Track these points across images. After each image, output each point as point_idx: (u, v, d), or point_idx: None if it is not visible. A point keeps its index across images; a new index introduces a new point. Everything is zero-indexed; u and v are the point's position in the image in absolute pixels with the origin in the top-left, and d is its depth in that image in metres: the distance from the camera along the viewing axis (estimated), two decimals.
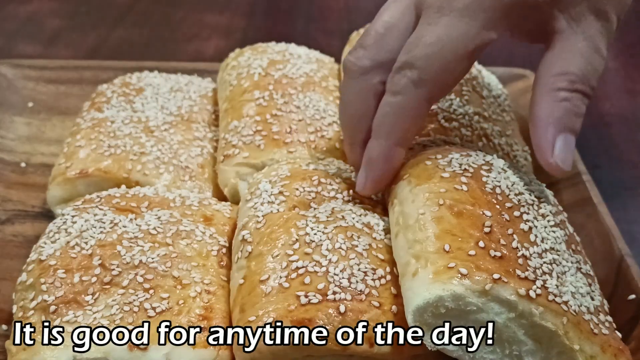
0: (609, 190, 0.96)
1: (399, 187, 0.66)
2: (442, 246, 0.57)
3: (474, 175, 0.64)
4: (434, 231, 0.59)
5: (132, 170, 0.84)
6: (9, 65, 1.09)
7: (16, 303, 0.68)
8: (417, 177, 0.65)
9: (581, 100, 0.63)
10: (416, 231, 0.60)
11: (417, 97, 0.63)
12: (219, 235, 0.74)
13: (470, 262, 0.56)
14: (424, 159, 0.67)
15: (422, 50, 0.61)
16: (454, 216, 0.59)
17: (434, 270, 0.56)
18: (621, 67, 1.34)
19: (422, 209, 0.61)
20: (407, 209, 0.63)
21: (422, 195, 0.62)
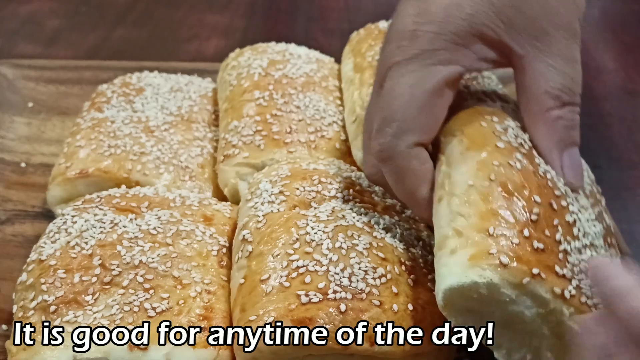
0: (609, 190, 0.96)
1: (448, 144, 0.62)
2: (487, 228, 0.54)
3: (528, 154, 0.60)
4: (481, 209, 0.56)
5: (132, 170, 0.84)
6: (9, 65, 1.09)
7: (16, 303, 0.68)
8: (471, 140, 0.60)
9: (573, 112, 0.62)
10: (462, 204, 0.57)
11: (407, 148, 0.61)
12: (219, 235, 0.74)
13: (512, 251, 0.54)
14: (478, 118, 0.62)
15: (395, 102, 0.60)
16: (504, 197, 0.56)
17: (475, 254, 0.54)
18: (621, 67, 1.34)
19: (472, 179, 0.57)
20: (456, 175, 0.59)
21: (473, 163, 0.58)
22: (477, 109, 0.64)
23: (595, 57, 1.37)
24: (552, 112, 0.61)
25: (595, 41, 1.43)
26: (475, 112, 0.64)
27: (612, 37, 1.47)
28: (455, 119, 0.63)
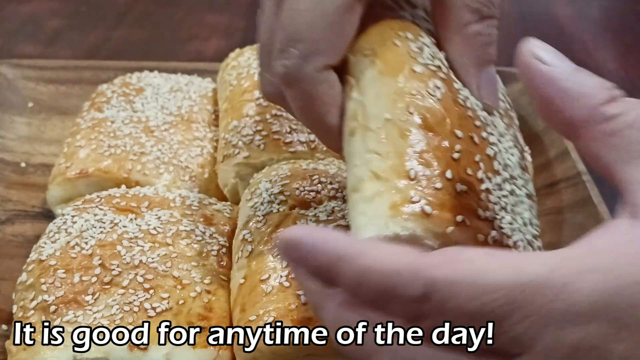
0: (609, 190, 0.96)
1: (358, 65, 0.54)
2: (408, 170, 0.48)
3: (446, 78, 0.54)
4: (401, 148, 0.49)
5: (132, 170, 0.84)
6: (9, 65, 1.09)
7: (16, 303, 0.68)
8: (384, 62, 0.53)
9: (491, 26, 0.58)
10: (379, 141, 0.50)
11: (315, 72, 0.53)
12: (219, 235, 0.74)
13: (435, 197, 0.48)
14: (391, 35, 0.54)
15: (300, 18, 0.53)
16: (424, 132, 0.50)
17: (395, 202, 0.48)
18: (621, 67, 1.34)
19: (389, 112, 0.50)
20: (370, 105, 0.52)
21: (390, 92, 0.51)
22: (389, 22, 0.56)
23: (595, 57, 1.37)
24: (471, 27, 0.56)
25: (595, 41, 1.43)
26: (387, 26, 0.55)
27: (612, 37, 1.47)
28: (365, 34, 0.55)
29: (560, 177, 0.93)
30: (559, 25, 1.49)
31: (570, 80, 0.45)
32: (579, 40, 1.43)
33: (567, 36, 1.45)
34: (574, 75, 0.46)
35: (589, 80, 0.46)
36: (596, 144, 0.45)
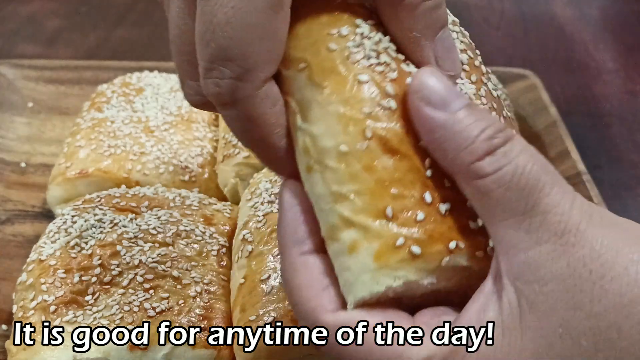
0: (609, 190, 0.96)
1: (295, 81, 0.46)
2: (383, 209, 0.43)
3: (399, 75, 0.45)
4: (367, 184, 0.43)
5: (132, 170, 0.84)
6: (9, 65, 1.09)
7: (16, 303, 0.68)
8: (322, 77, 0.45)
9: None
10: (342, 180, 0.43)
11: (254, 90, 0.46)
12: (219, 235, 0.74)
13: (420, 232, 0.43)
14: (322, 36, 0.46)
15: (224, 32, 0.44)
16: (388, 156, 0.44)
17: (379, 251, 0.43)
18: (621, 67, 1.34)
19: (343, 143, 0.43)
20: (320, 136, 0.44)
21: (337, 116, 0.44)
22: (318, 18, 0.47)
23: (595, 57, 1.37)
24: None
25: (595, 41, 1.43)
26: (316, 24, 0.46)
27: (612, 37, 1.47)
28: (293, 38, 0.46)
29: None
30: (559, 25, 1.49)
31: (451, 130, 0.42)
32: (579, 40, 1.43)
33: (567, 36, 1.45)
34: (456, 123, 0.42)
35: (470, 129, 0.42)
36: (472, 199, 0.43)
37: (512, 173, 0.41)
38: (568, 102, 1.20)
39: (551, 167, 0.42)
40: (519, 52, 1.37)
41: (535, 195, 0.40)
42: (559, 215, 0.40)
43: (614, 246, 0.40)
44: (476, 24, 1.46)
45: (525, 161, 0.41)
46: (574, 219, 0.40)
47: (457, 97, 0.43)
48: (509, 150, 0.41)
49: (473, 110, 0.43)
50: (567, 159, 0.94)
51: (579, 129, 1.08)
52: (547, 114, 1.03)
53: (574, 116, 1.14)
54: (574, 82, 1.28)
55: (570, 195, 0.41)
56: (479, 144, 0.41)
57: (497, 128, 0.42)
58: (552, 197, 0.41)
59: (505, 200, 0.41)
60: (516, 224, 0.41)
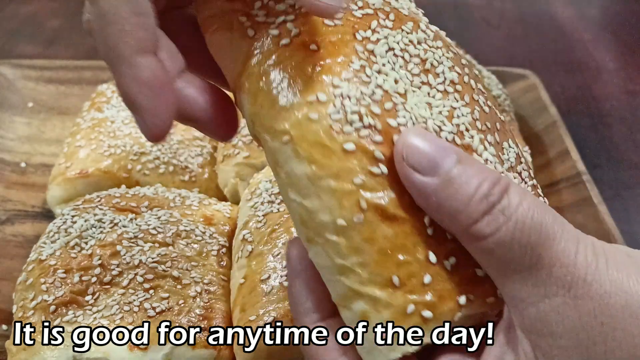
0: (609, 190, 0.96)
1: (280, 152, 0.45)
2: (389, 278, 0.43)
3: (385, 137, 0.43)
4: (371, 256, 0.43)
5: (132, 170, 0.84)
6: (9, 65, 1.09)
7: (16, 303, 0.68)
8: (306, 148, 0.43)
9: None
10: (344, 253, 0.43)
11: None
12: (219, 235, 0.74)
13: (429, 295, 0.43)
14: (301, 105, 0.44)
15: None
16: (387, 224, 0.43)
17: (391, 320, 0.43)
18: (621, 67, 1.34)
19: (340, 217, 0.43)
20: (316, 211, 0.44)
21: (327, 189, 0.43)
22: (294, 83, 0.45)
23: (595, 57, 1.37)
24: None
25: (595, 41, 1.43)
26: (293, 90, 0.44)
27: (612, 37, 1.47)
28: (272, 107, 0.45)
29: (560, 177, 0.93)
30: (559, 25, 1.49)
31: (444, 194, 0.41)
32: (579, 40, 1.43)
33: (567, 36, 1.45)
34: (449, 186, 0.41)
35: (464, 190, 0.41)
36: (475, 257, 0.43)
37: (512, 231, 0.40)
38: (568, 102, 1.20)
39: (551, 212, 0.41)
40: (519, 52, 1.37)
41: (538, 249, 0.40)
42: (564, 267, 0.40)
43: (623, 294, 0.40)
44: (476, 24, 1.46)
45: (524, 215, 0.40)
46: (580, 271, 0.40)
47: (446, 155, 0.42)
48: (506, 205, 0.41)
49: (465, 166, 0.41)
50: (567, 159, 0.94)
51: (579, 129, 1.09)
52: (547, 114, 1.03)
53: (574, 116, 1.14)
54: (574, 82, 1.28)
55: (574, 241, 0.41)
56: (475, 206, 0.41)
57: (491, 182, 0.41)
58: (556, 249, 0.40)
59: (508, 258, 0.41)
60: (522, 278, 0.41)
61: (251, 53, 0.46)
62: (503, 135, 0.50)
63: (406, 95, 0.45)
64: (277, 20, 0.46)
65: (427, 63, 0.48)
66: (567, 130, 0.99)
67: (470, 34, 1.39)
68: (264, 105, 0.44)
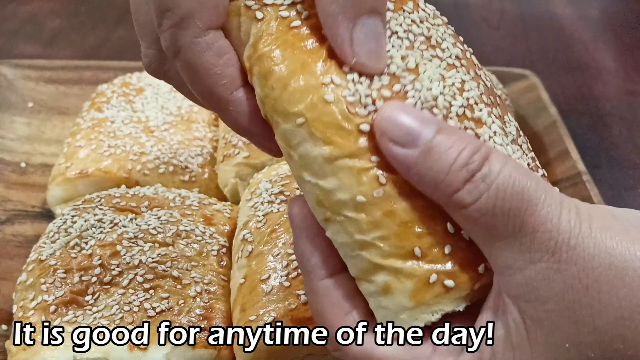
0: (609, 190, 0.96)
1: (293, 135, 0.45)
2: (411, 250, 0.44)
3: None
4: (392, 229, 0.44)
5: (132, 170, 0.84)
6: (9, 65, 1.09)
7: (16, 303, 0.68)
8: (322, 129, 0.44)
9: None
10: (364, 229, 0.44)
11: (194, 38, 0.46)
12: (219, 235, 0.74)
13: (450, 265, 0.44)
14: (316, 87, 0.44)
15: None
16: (405, 197, 0.44)
17: (414, 291, 0.44)
18: (621, 67, 1.34)
19: (360, 194, 0.43)
20: (333, 190, 0.44)
21: (346, 167, 0.44)
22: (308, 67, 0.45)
23: (595, 57, 1.37)
24: None
25: (595, 41, 1.43)
26: (307, 73, 0.45)
27: (612, 37, 1.47)
28: (285, 91, 0.45)
29: (560, 177, 0.93)
30: (559, 25, 1.49)
31: (424, 165, 0.41)
32: (579, 40, 1.43)
33: (567, 36, 1.45)
34: (428, 157, 0.41)
35: (444, 159, 0.41)
36: (461, 225, 0.43)
37: (494, 198, 0.40)
38: (568, 102, 1.20)
39: (534, 178, 0.41)
40: (519, 52, 1.37)
41: (521, 215, 0.40)
42: (547, 232, 0.40)
43: (607, 256, 0.40)
44: (476, 24, 1.46)
45: (506, 182, 0.40)
46: (563, 234, 0.40)
47: (424, 125, 0.42)
48: (487, 173, 0.41)
49: (444, 136, 0.41)
50: (567, 159, 0.94)
51: (579, 129, 1.09)
52: (547, 114, 1.03)
53: (574, 116, 1.14)
54: (574, 82, 1.28)
55: (557, 206, 0.40)
56: (455, 174, 0.41)
57: (472, 149, 0.41)
58: (539, 214, 0.40)
59: (491, 225, 0.41)
60: (507, 245, 0.41)
61: (260, 36, 0.46)
62: (503, 109, 0.51)
63: (418, 69, 0.46)
64: (286, 2, 0.46)
65: (432, 40, 0.48)
66: (567, 130, 0.99)
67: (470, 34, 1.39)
68: (276, 87, 0.45)
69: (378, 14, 0.45)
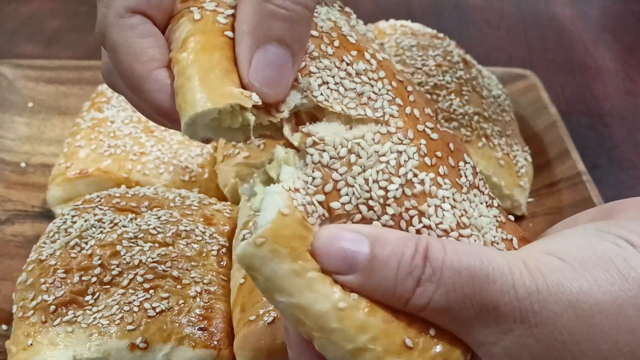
0: (609, 190, 0.96)
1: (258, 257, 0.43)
2: (402, 342, 0.43)
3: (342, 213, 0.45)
4: (379, 327, 0.43)
5: (132, 170, 0.84)
6: (9, 65, 1.09)
7: (16, 303, 0.68)
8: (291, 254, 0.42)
9: (296, 4, 0.46)
10: (352, 336, 0.43)
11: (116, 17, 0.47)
12: (219, 235, 0.74)
13: (441, 346, 0.44)
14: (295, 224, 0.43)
15: None
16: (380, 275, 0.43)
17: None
18: (621, 67, 1.34)
19: (340, 301, 0.43)
20: (312, 304, 0.43)
21: (319, 281, 0.43)
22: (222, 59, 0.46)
23: (595, 57, 1.37)
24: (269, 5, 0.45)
25: (595, 41, 1.43)
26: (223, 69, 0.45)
27: (612, 37, 1.47)
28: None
29: (560, 177, 0.93)
30: (559, 25, 1.49)
31: (369, 285, 0.43)
32: (579, 40, 1.43)
33: (567, 36, 1.45)
34: (370, 278, 0.43)
35: (386, 275, 0.42)
36: (429, 320, 0.44)
37: (446, 293, 0.42)
38: (568, 102, 1.20)
39: (475, 251, 0.42)
40: (519, 52, 1.37)
41: (476, 297, 0.41)
42: (509, 304, 0.41)
43: (572, 309, 0.41)
44: (476, 24, 1.46)
45: (451, 273, 0.42)
46: (524, 302, 0.41)
47: (358, 245, 0.43)
48: (431, 273, 0.42)
49: (379, 248, 0.42)
50: (567, 159, 0.94)
51: (579, 129, 1.09)
52: (547, 114, 1.03)
53: (574, 116, 1.14)
54: (574, 82, 1.28)
55: (508, 274, 0.41)
56: (402, 285, 0.42)
57: (410, 253, 0.42)
58: (493, 290, 0.41)
59: (453, 316, 0.42)
60: (476, 326, 0.42)
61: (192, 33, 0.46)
62: (457, 154, 0.51)
63: (350, 157, 0.45)
64: (227, 12, 0.47)
65: (363, 97, 0.48)
66: (567, 130, 0.99)
67: (470, 34, 1.39)
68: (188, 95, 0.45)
69: (286, 46, 0.45)
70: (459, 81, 0.91)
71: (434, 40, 0.97)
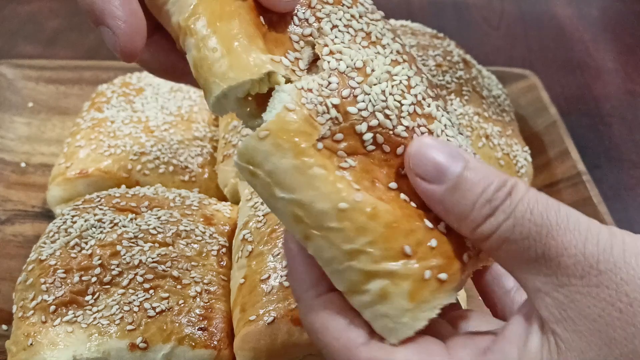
0: (609, 190, 0.96)
1: (260, 152, 0.43)
2: (401, 249, 0.43)
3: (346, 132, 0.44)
4: (379, 232, 0.43)
5: (132, 170, 0.85)
6: (9, 65, 1.09)
7: (16, 303, 0.68)
8: (293, 149, 0.42)
9: None
10: (350, 237, 0.42)
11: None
12: (219, 235, 0.74)
13: (440, 258, 0.44)
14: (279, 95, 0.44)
15: None
16: (382, 200, 0.43)
17: (412, 291, 0.43)
18: (621, 67, 1.34)
19: (341, 200, 0.42)
20: (312, 202, 0.42)
21: (321, 178, 0.42)
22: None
23: (595, 57, 1.37)
24: None
25: (595, 41, 1.43)
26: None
27: (612, 37, 1.47)
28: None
29: (560, 177, 0.93)
30: (559, 25, 1.49)
31: (449, 201, 0.43)
32: (579, 40, 1.43)
33: (567, 36, 1.45)
34: (453, 194, 0.43)
35: (468, 197, 0.42)
36: (490, 255, 0.45)
37: (512, 226, 0.42)
38: (568, 102, 1.20)
39: (555, 205, 0.42)
40: (519, 52, 1.37)
41: (542, 240, 0.41)
42: (572, 257, 0.41)
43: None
44: (476, 24, 1.46)
45: (523, 210, 0.42)
46: (590, 259, 0.41)
47: (453, 161, 0.43)
48: (507, 206, 0.42)
49: (471, 172, 0.43)
50: (567, 159, 0.94)
51: (579, 129, 1.09)
52: (547, 114, 1.03)
53: (574, 116, 1.14)
54: (574, 82, 1.28)
55: (583, 231, 0.41)
56: (478, 211, 0.42)
57: (497, 186, 0.42)
58: (562, 239, 0.41)
59: (514, 251, 0.42)
60: (533, 269, 0.42)
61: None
62: (444, 99, 0.53)
63: (365, 69, 0.46)
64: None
65: (372, 36, 0.49)
66: (567, 130, 0.99)
67: (470, 34, 1.39)
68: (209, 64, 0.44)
69: None
70: (459, 81, 0.91)
71: (434, 40, 0.97)
